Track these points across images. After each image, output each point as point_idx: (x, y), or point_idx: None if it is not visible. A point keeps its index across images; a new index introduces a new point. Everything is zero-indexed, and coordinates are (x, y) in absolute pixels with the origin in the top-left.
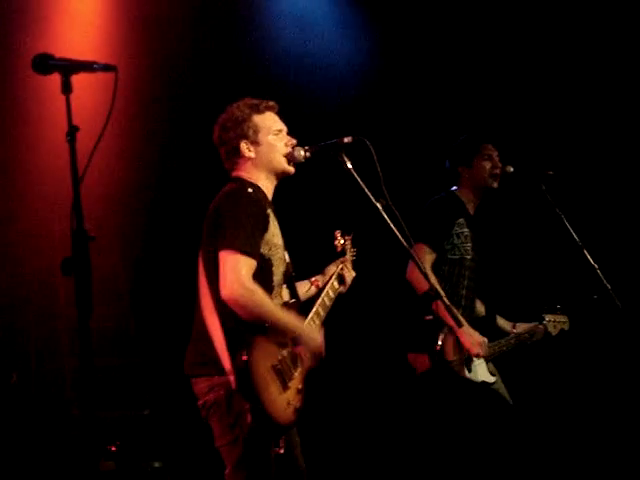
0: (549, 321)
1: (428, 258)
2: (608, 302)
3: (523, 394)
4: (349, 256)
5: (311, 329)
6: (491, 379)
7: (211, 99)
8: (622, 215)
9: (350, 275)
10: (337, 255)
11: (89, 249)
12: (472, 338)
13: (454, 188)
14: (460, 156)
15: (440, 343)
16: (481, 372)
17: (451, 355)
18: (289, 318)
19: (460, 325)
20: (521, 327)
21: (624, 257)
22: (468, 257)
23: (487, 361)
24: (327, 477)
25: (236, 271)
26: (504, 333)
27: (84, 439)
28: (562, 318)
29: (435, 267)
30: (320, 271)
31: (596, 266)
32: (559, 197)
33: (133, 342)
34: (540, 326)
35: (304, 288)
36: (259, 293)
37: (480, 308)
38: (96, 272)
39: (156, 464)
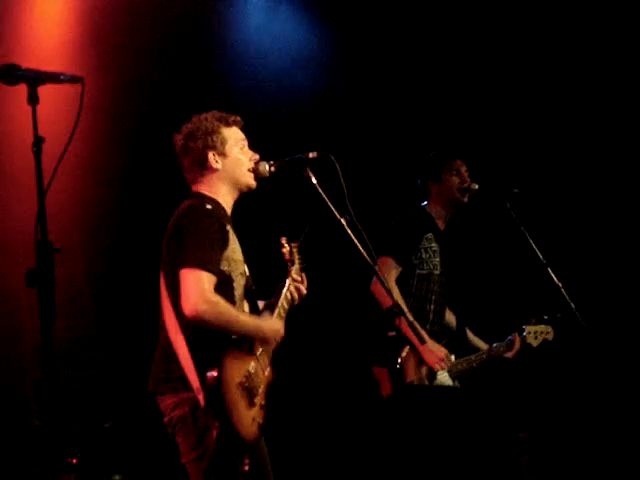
0: (529, 332)
1: (393, 272)
2: (572, 320)
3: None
4: (297, 265)
5: (270, 321)
6: (451, 383)
7: (177, 113)
8: (586, 233)
9: (301, 284)
10: (285, 263)
11: (54, 261)
12: (434, 354)
13: (424, 203)
14: (429, 172)
15: (400, 362)
16: (443, 379)
17: (411, 374)
18: (253, 321)
19: (423, 342)
20: (496, 348)
21: (588, 275)
22: (436, 272)
23: (453, 378)
24: None
25: (198, 287)
26: (474, 349)
27: (45, 451)
28: (546, 329)
29: (402, 281)
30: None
31: (560, 284)
32: (524, 215)
33: (96, 354)
34: (513, 339)
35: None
36: (222, 303)
37: (451, 321)
38: (60, 284)
39: (117, 477)
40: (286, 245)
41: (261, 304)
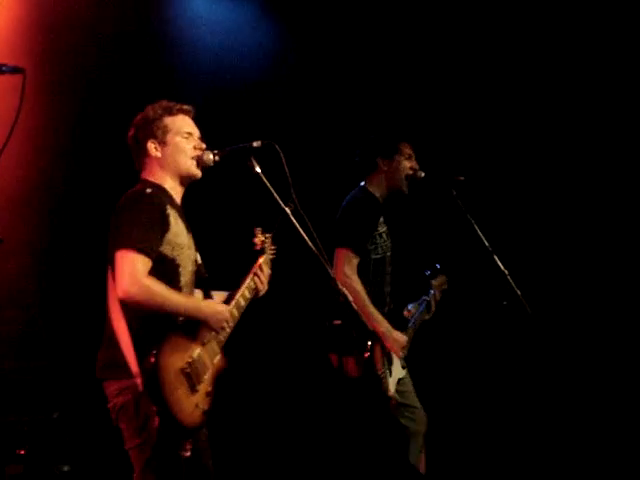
0: (435, 286)
1: (353, 262)
2: (518, 308)
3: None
4: (268, 254)
5: (212, 303)
6: (403, 373)
7: (122, 103)
8: (533, 221)
9: (266, 274)
10: (254, 253)
11: None
12: (397, 342)
13: (363, 183)
14: (381, 147)
15: (368, 352)
16: (396, 370)
17: (380, 365)
18: (189, 299)
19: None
20: (413, 308)
21: (534, 263)
22: (389, 254)
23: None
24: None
25: (130, 269)
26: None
27: None
28: (442, 279)
29: (359, 269)
30: (236, 278)
31: (506, 272)
32: (469, 203)
33: (42, 345)
34: (430, 300)
35: (220, 298)
36: (154, 286)
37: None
38: (4, 275)
39: (65, 467)
40: (259, 235)
41: (221, 295)
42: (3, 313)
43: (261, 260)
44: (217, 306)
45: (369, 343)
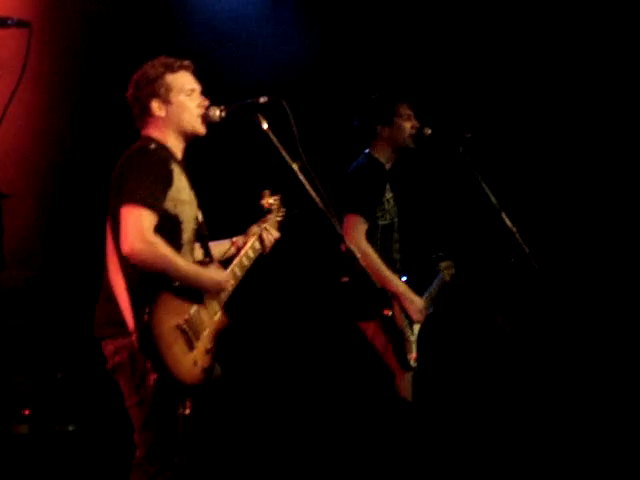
0: (445, 269)
1: (361, 228)
2: (526, 265)
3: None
4: (276, 216)
5: (215, 272)
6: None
7: (130, 57)
8: (541, 177)
9: (273, 235)
10: (262, 214)
11: (2, 208)
12: (415, 305)
13: (367, 151)
14: (379, 114)
15: (389, 310)
16: (416, 332)
17: (401, 321)
18: (192, 267)
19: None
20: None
21: (542, 220)
22: (396, 220)
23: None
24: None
25: (136, 225)
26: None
27: None
28: (449, 263)
29: (367, 236)
30: (242, 231)
31: (514, 229)
32: (477, 159)
33: (46, 304)
34: (441, 278)
35: (224, 248)
36: (160, 245)
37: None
38: (10, 231)
39: (70, 427)
40: (267, 197)
41: (222, 245)
42: (8, 271)
43: (269, 219)
44: (217, 275)
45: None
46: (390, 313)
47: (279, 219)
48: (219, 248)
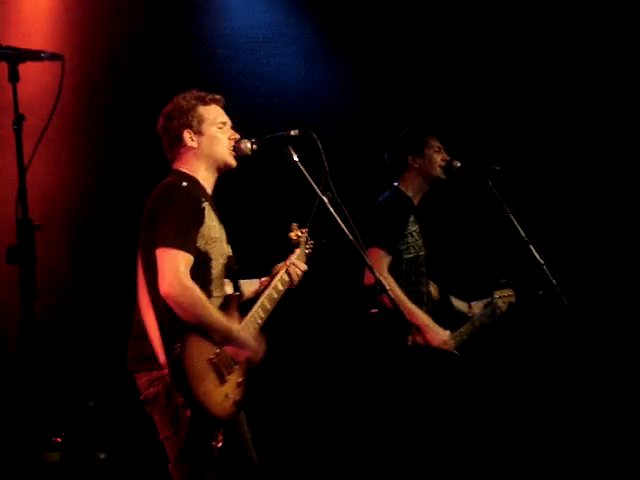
0: (499, 297)
1: (384, 261)
2: (554, 298)
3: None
4: (303, 249)
5: (247, 334)
6: None
7: (159, 90)
8: (569, 211)
9: (301, 268)
10: (290, 247)
11: (34, 238)
12: (439, 336)
13: (396, 184)
14: (410, 145)
15: (410, 341)
16: None
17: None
18: (224, 322)
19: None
20: (477, 306)
21: (570, 253)
22: (422, 253)
23: None
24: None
25: (173, 268)
26: (460, 315)
27: (29, 429)
28: (508, 292)
29: (391, 270)
30: (269, 269)
31: (542, 262)
32: (505, 193)
33: (79, 333)
34: (495, 308)
35: (253, 287)
36: (196, 292)
37: (435, 292)
38: (42, 263)
39: (101, 455)
40: (296, 230)
41: (252, 284)
42: (41, 300)
43: (296, 253)
44: (248, 339)
45: (411, 333)
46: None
47: (307, 251)
48: (247, 287)
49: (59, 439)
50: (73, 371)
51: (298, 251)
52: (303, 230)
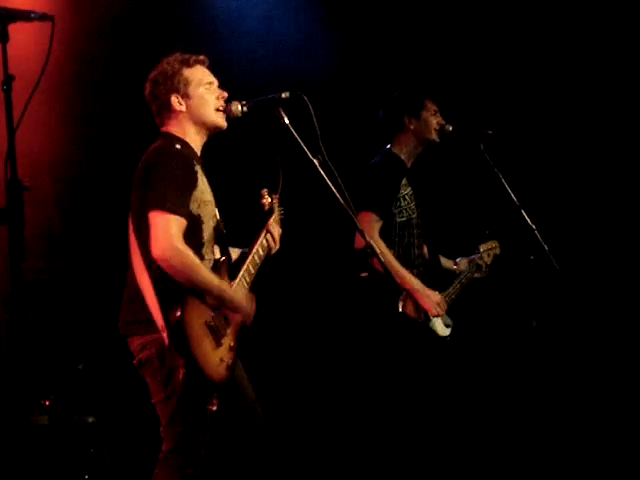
0: (483, 251)
1: (375, 226)
2: (545, 263)
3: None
4: (276, 215)
5: (240, 294)
6: (447, 332)
7: (149, 52)
8: (561, 175)
9: (274, 233)
10: (264, 214)
11: (23, 199)
12: (430, 299)
13: (388, 146)
14: (407, 106)
15: (401, 307)
16: (439, 328)
17: (416, 314)
18: (218, 283)
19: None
20: (462, 263)
21: (562, 218)
22: (414, 216)
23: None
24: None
25: (166, 231)
26: (448, 273)
27: (18, 393)
28: (492, 244)
29: (384, 233)
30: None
31: (534, 227)
32: (497, 157)
33: (69, 296)
34: (480, 262)
35: (235, 255)
36: (189, 255)
37: (425, 252)
38: (31, 224)
39: (90, 419)
40: (267, 196)
41: (236, 252)
42: (29, 262)
43: (271, 219)
44: (240, 299)
45: (400, 298)
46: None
47: (281, 217)
48: (232, 255)
49: (47, 402)
50: (62, 334)
51: (273, 217)
52: (274, 196)
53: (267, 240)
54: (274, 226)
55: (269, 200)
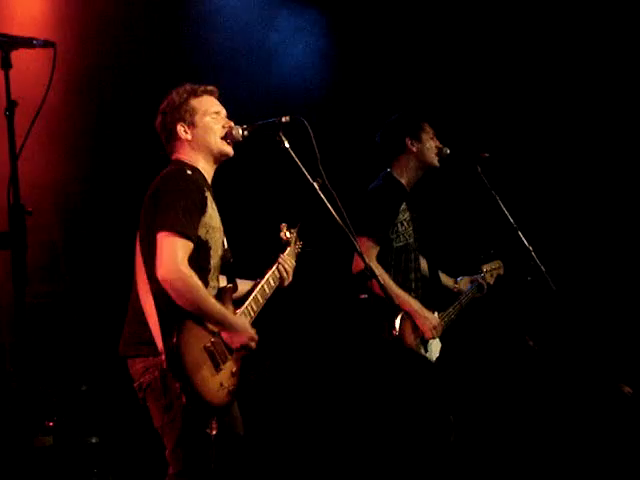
0: (486, 271)
1: (373, 252)
2: (542, 284)
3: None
4: (293, 248)
5: (242, 321)
6: (438, 353)
7: (151, 78)
8: (557, 197)
9: (288, 265)
10: (281, 246)
11: (26, 224)
12: (428, 321)
13: (389, 170)
14: (408, 128)
15: (397, 329)
16: (435, 350)
17: (411, 340)
18: (220, 308)
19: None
20: (463, 282)
21: (559, 239)
22: (411, 241)
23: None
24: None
25: (172, 253)
26: (447, 291)
27: (22, 414)
28: (496, 264)
29: (381, 258)
30: (259, 263)
31: (530, 248)
32: (494, 179)
33: (72, 320)
34: (482, 282)
35: (246, 286)
36: (192, 278)
37: (424, 267)
38: (35, 248)
39: (93, 439)
40: (285, 230)
41: (246, 284)
42: (32, 286)
43: (286, 252)
44: (242, 326)
45: (398, 320)
46: (396, 333)
47: (297, 251)
48: (241, 286)
49: (52, 423)
50: (65, 356)
51: (288, 249)
52: (292, 230)
53: (279, 271)
54: (288, 259)
55: (287, 234)
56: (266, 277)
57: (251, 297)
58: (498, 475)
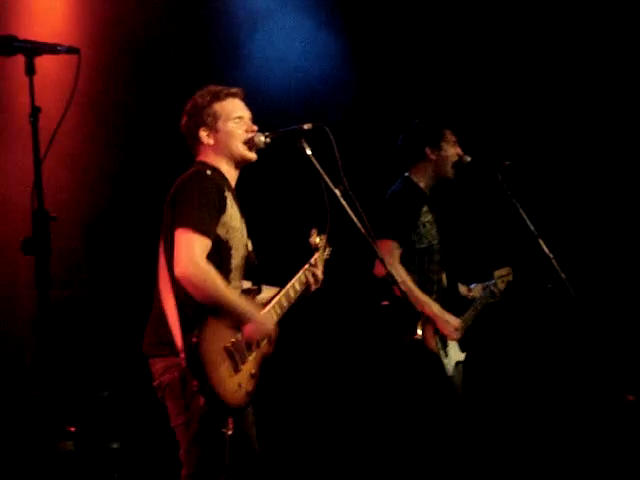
0: (498, 277)
1: (396, 253)
2: (563, 292)
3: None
4: (322, 254)
5: (264, 315)
6: (462, 356)
7: (174, 82)
8: (577, 205)
9: (316, 272)
10: (310, 252)
11: (50, 229)
12: (450, 324)
13: (406, 174)
14: (429, 136)
15: (420, 333)
16: (454, 353)
17: (432, 343)
18: (241, 301)
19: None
20: (476, 289)
21: (580, 247)
22: (435, 242)
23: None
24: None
25: (189, 249)
26: (463, 299)
27: (44, 419)
28: (506, 270)
29: (404, 260)
30: (284, 265)
31: (551, 255)
32: (515, 187)
33: (94, 325)
34: (492, 286)
35: (271, 292)
36: (212, 273)
37: (444, 279)
38: (57, 254)
39: (115, 445)
40: (315, 235)
41: (271, 291)
42: (55, 290)
43: (315, 257)
44: (263, 319)
45: (419, 324)
46: (418, 337)
47: (326, 257)
48: (266, 292)
49: (73, 429)
50: (87, 361)
51: (317, 255)
52: (322, 236)
53: (306, 277)
54: (316, 264)
55: (316, 240)
56: (292, 281)
57: (275, 300)
58: (505, 476)
